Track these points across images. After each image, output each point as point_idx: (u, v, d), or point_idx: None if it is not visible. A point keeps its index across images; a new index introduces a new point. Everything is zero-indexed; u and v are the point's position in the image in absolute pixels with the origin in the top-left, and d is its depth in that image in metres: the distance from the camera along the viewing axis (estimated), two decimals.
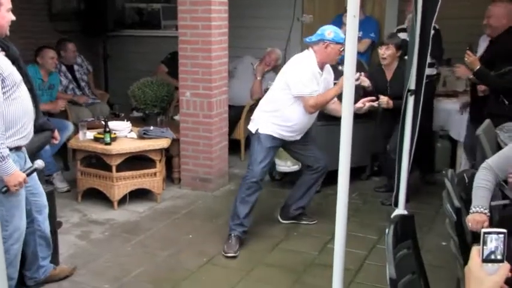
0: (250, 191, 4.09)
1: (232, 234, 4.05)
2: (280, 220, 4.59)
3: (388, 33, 5.20)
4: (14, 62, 2.90)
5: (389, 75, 4.95)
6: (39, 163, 3.06)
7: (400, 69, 4.78)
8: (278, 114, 4.12)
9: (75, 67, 6.42)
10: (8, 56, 2.87)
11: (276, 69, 6.58)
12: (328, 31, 4.08)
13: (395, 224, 1.89)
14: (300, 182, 4.51)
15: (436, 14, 4.09)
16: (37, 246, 3.32)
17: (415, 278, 1.96)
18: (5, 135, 2.77)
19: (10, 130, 2.84)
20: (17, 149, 2.95)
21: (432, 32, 4.56)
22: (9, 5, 2.92)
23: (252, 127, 4.23)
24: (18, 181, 2.84)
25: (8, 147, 2.81)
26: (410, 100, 4.34)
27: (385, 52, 4.83)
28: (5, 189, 2.83)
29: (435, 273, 2.40)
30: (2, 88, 2.75)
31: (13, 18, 2.94)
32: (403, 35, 5.05)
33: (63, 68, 6.27)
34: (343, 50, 4.00)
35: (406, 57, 4.45)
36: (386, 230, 1.88)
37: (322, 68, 4.20)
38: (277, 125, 4.13)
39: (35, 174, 3.12)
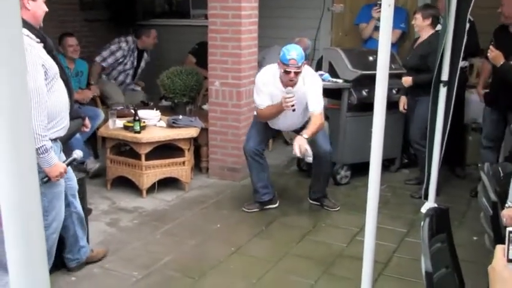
0: (254, 162, 4.48)
1: (255, 200, 4.58)
2: (309, 200, 4.76)
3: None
4: (50, 53, 2.94)
5: (416, 44, 4.97)
6: (78, 153, 3.16)
7: (428, 42, 4.72)
8: None
9: (145, 55, 6.55)
10: (45, 47, 2.91)
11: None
12: (283, 49, 4.12)
13: (431, 217, 1.85)
14: (313, 173, 4.71)
15: (471, 5, 4.01)
16: (76, 227, 3.42)
17: (449, 272, 1.93)
18: (47, 128, 2.83)
19: (51, 122, 2.91)
20: (55, 140, 3.01)
21: (468, 25, 4.48)
22: None
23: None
24: (59, 172, 2.93)
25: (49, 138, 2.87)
26: (443, 91, 4.27)
27: (415, 22, 4.88)
28: (46, 179, 2.91)
29: (467, 268, 2.35)
30: (45, 80, 2.81)
31: (46, 9, 2.97)
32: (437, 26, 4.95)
33: (136, 53, 6.41)
34: (289, 72, 4.04)
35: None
36: (422, 223, 1.85)
37: (286, 84, 4.18)
38: None
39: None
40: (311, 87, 4.23)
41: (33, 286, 0.84)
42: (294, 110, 4.14)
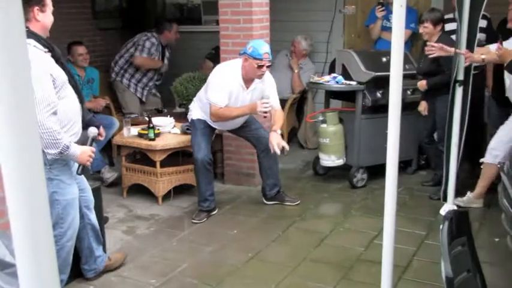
0: (206, 171, 4.44)
1: (201, 209, 4.51)
2: (265, 201, 4.79)
3: (428, 9, 5.11)
4: (57, 61, 2.95)
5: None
6: (92, 130, 3.24)
7: None
8: (205, 109, 4.47)
9: (166, 52, 6.59)
10: (53, 56, 2.93)
11: (310, 57, 6.58)
12: (250, 45, 4.28)
13: (450, 220, 1.81)
14: (260, 167, 4.75)
15: (485, 2, 3.96)
16: (90, 239, 3.44)
17: (470, 276, 1.88)
18: (61, 132, 2.89)
19: (63, 128, 2.94)
20: None
21: (485, 22, 4.43)
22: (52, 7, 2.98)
23: (188, 117, 4.69)
24: (88, 155, 3.05)
25: None
26: (459, 91, 4.21)
27: (424, 30, 4.78)
28: (80, 168, 3.07)
29: (489, 271, 2.31)
30: (54, 88, 2.84)
31: (53, 19, 2.99)
32: (451, 25, 4.88)
33: (160, 48, 6.46)
34: (262, 66, 4.20)
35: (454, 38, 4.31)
36: (441, 226, 1.81)
37: (249, 81, 4.35)
38: (204, 115, 4.53)
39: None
40: (270, 85, 4.50)
41: None
42: (265, 117, 4.40)
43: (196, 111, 4.60)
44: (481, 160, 4.41)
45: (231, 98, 4.34)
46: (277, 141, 4.31)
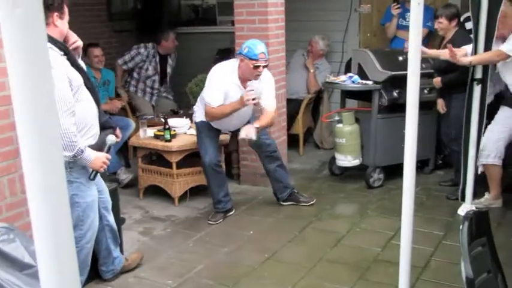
0: (216, 174, 4.45)
1: (217, 211, 4.51)
2: (280, 202, 4.75)
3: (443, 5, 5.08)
4: (73, 64, 2.98)
5: (442, 46, 4.83)
6: (111, 138, 3.22)
7: (452, 42, 4.62)
8: (204, 109, 4.42)
9: (169, 60, 6.57)
10: (68, 59, 2.96)
11: (326, 57, 6.54)
12: (245, 46, 4.21)
13: (470, 221, 1.79)
14: (266, 172, 4.73)
15: (504, 1, 3.93)
16: (108, 240, 3.46)
17: (491, 277, 1.86)
18: (78, 135, 2.90)
19: (80, 132, 2.97)
20: None
21: None
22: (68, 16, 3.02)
23: (193, 119, 4.70)
24: (102, 161, 3.05)
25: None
26: (477, 89, 4.18)
27: (439, 25, 4.77)
28: (93, 174, 3.06)
29: (508, 272, 2.27)
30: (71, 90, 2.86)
31: (67, 27, 3.02)
32: (470, 24, 4.83)
33: (157, 58, 6.42)
34: (259, 66, 4.13)
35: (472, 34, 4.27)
36: (461, 227, 1.78)
37: (246, 81, 4.26)
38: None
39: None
40: (266, 84, 4.40)
41: None
42: (255, 105, 4.28)
43: (200, 112, 4.55)
44: (478, 164, 4.36)
45: (228, 98, 4.29)
46: (247, 130, 4.22)
